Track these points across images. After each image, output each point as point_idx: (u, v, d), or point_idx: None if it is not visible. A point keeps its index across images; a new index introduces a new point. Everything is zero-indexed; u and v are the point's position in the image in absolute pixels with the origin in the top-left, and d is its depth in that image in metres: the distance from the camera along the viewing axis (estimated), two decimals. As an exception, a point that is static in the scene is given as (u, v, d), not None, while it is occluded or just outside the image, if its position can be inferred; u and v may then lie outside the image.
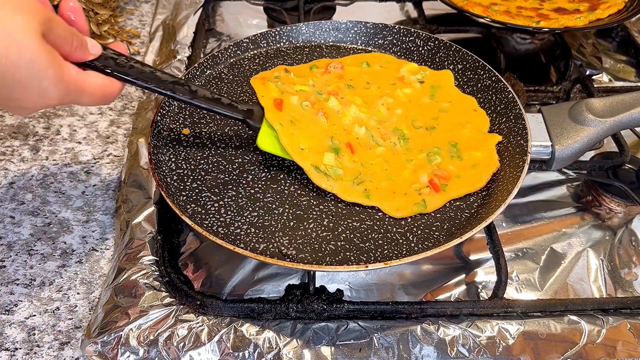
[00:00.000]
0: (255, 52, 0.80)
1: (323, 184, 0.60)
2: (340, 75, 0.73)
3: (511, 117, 0.67)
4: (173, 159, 0.64)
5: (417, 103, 0.71)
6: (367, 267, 0.51)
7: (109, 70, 0.54)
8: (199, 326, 0.53)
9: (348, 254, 0.54)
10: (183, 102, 0.60)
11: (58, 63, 0.47)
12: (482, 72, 0.73)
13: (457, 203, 0.60)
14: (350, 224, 0.57)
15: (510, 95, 0.68)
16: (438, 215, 0.58)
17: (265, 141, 0.62)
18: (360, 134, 0.65)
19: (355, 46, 0.82)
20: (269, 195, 0.60)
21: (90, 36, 0.54)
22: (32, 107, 0.49)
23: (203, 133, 0.67)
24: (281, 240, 0.55)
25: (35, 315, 0.58)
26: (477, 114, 0.69)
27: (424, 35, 0.79)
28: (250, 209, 0.58)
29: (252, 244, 0.55)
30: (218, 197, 0.59)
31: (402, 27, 0.80)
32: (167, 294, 0.56)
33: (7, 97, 0.47)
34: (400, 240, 0.56)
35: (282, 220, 0.57)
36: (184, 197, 0.59)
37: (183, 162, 0.63)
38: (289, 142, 0.61)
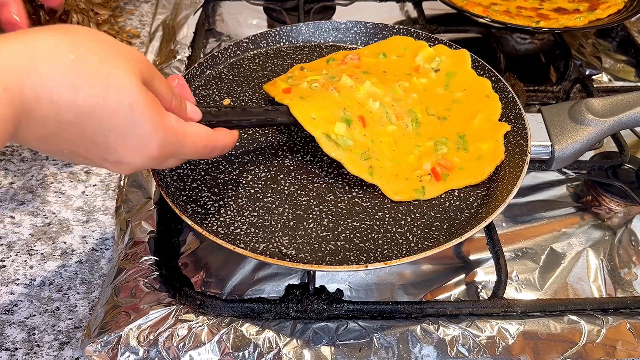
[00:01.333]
0: (255, 52, 0.80)
1: (333, 153, 0.60)
2: (356, 65, 0.73)
3: (511, 117, 0.67)
4: (173, 159, 0.64)
5: (431, 92, 0.71)
6: (367, 267, 0.51)
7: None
8: (199, 326, 0.53)
9: (348, 253, 0.54)
10: (283, 125, 0.59)
11: (157, 108, 0.44)
12: (481, 72, 0.73)
13: (457, 203, 0.60)
14: (350, 224, 0.57)
15: (510, 95, 0.68)
16: (438, 215, 0.58)
17: None
18: (374, 108, 0.64)
19: (355, 46, 0.82)
20: (269, 195, 0.60)
21: None
22: (132, 160, 0.44)
23: (203, 133, 0.67)
24: (281, 240, 0.55)
25: (35, 315, 0.58)
26: (489, 100, 0.68)
27: (423, 35, 0.79)
28: (250, 209, 0.58)
29: (252, 243, 0.55)
30: (218, 197, 0.59)
31: (402, 27, 0.80)
32: (167, 294, 0.56)
33: (105, 148, 0.42)
34: (400, 240, 0.56)
35: (282, 220, 0.57)
36: (184, 197, 0.59)
37: (183, 162, 0.63)
38: (300, 113, 0.60)
